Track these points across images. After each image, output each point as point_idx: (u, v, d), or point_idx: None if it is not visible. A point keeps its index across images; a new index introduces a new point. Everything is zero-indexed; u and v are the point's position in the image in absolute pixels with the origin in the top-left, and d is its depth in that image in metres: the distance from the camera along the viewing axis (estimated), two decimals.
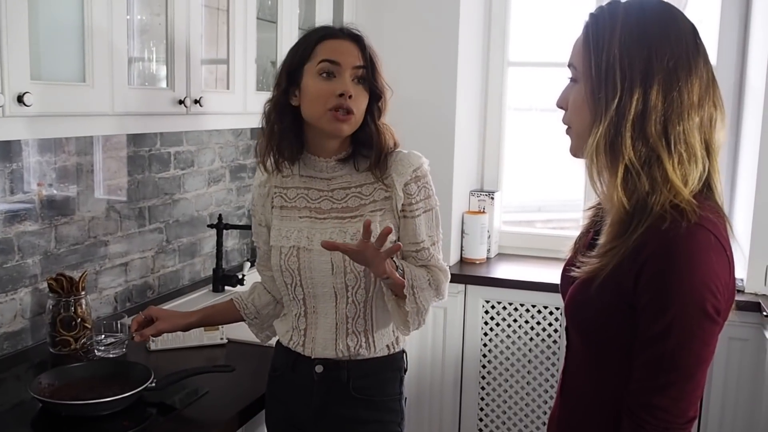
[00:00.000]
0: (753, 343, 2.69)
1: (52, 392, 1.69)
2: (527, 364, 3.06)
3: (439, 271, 1.67)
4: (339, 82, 1.56)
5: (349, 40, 1.59)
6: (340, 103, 1.55)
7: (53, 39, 1.69)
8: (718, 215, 1.17)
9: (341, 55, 1.56)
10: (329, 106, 1.55)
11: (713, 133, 1.19)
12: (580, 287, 1.23)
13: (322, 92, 1.55)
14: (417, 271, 1.61)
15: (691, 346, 1.12)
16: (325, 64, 1.56)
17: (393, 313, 1.61)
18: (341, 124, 1.56)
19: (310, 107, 1.58)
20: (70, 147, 2.15)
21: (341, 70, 1.56)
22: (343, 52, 1.57)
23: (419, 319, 1.61)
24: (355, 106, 1.57)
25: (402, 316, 1.59)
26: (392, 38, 3.05)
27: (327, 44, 1.58)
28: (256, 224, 1.76)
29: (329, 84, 1.55)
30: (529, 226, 3.57)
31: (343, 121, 1.56)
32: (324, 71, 1.56)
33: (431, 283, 1.63)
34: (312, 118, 1.58)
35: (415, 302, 1.58)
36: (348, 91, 1.55)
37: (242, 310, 1.80)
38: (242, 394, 1.80)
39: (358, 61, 1.57)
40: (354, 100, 1.56)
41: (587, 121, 1.19)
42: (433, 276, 1.64)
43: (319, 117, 1.57)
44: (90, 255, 2.24)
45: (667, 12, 1.19)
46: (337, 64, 1.56)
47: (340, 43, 1.58)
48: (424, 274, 1.62)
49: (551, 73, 3.14)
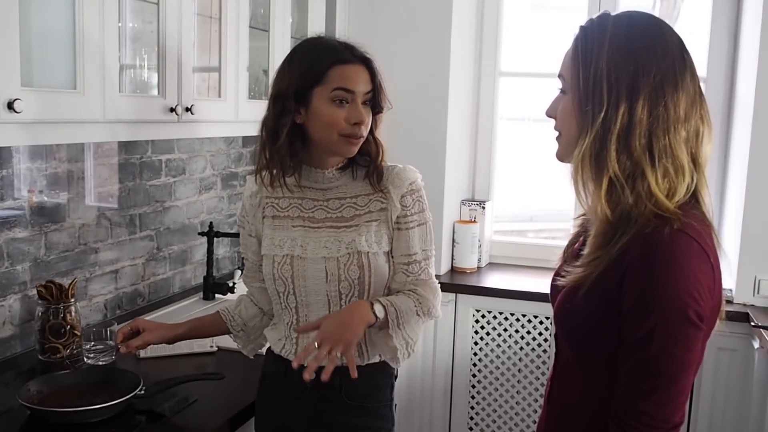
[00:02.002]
0: (741, 353, 2.70)
1: (40, 399, 1.68)
2: (517, 373, 3.06)
3: (430, 290, 1.67)
4: (353, 110, 1.58)
5: (360, 64, 1.61)
6: (353, 131, 1.58)
7: (44, 46, 1.69)
8: (703, 223, 1.18)
9: (354, 83, 1.58)
10: (343, 132, 1.58)
11: (700, 147, 1.20)
12: (567, 295, 1.25)
13: (337, 119, 1.57)
14: (403, 305, 1.60)
15: (674, 351, 1.13)
16: (340, 92, 1.57)
17: (382, 349, 1.63)
18: (353, 147, 1.61)
19: (321, 131, 1.59)
20: (61, 154, 2.15)
21: (354, 97, 1.58)
22: (356, 79, 1.59)
23: (408, 351, 1.64)
24: (365, 130, 1.61)
25: (392, 352, 1.61)
26: (384, 48, 3.05)
27: (340, 70, 1.58)
28: (246, 235, 1.76)
29: (342, 111, 1.58)
30: (520, 236, 3.58)
31: (355, 145, 1.61)
32: (338, 98, 1.58)
33: (420, 312, 1.63)
34: (321, 140, 1.60)
35: (403, 338, 1.61)
36: (363, 120, 1.58)
37: (229, 322, 1.80)
38: (232, 401, 1.80)
39: (368, 86, 1.60)
40: (364, 125, 1.60)
41: (574, 132, 1.21)
42: (422, 303, 1.64)
43: (330, 140, 1.59)
44: (80, 262, 2.23)
45: (654, 26, 1.20)
46: (351, 92, 1.58)
47: (353, 69, 1.59)
48: (411, 307, 1.62)
49: (542, 84, 3.15)
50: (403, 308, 1.59)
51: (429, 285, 1.68)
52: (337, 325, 1.49)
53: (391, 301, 1.59)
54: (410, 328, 1.62)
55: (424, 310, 1.65)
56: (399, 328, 1.59)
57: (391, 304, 1.58)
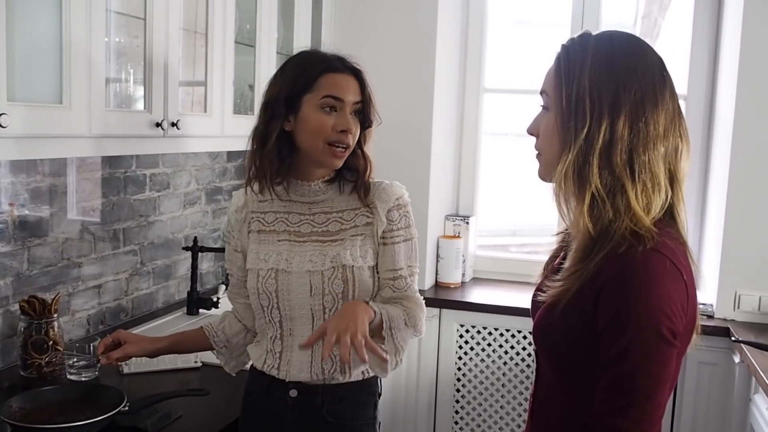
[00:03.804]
0: (721, 367, 2.73)
1: (23, 416, 1.67)
2: (501, 388, 3.07)
3: (416, 305, 1.68)
4: (340, 118, 1.59)
5: (350, 75, 1.62)
6: (340, 139, 1.59)
7: (30, 60, 1.69)
8: (677, 242, 1.20)
9: (344, 92, 1.60)
10: (329, 140, 1.59)
11: (678, 163, 1.22)
12: (545, 311, 1.26)
13: (324, 126, 1.59)
14: (394, 312, 1.61)
15: (648, 369, 1.14)
16: (329, 99, 1.59)
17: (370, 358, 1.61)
18: (337, 159, 1.61)
19: (308, 138, 1.60)
20: (44, 168, 2.14)
21: (343, 105, 1.60)
22: (346, 88, 1.60)
23: (397, 359, 1.63)
24: (352, 140, 1.62)
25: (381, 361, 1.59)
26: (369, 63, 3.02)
27: (329, 78, 1.60)
28: (231, 250, 1.75)
29: (330, 118, 1.59)
30: (503, 251, 3.59)
31: (341, 157, 1.61)
32: (327, 106, 1.59)
33: (408, 323, 1.64)
34: (308, 148, 1.61)
35: (393, 343, 1.60)
36: (350, 129, 1.59)
37: (212, 338, 1.78)
38: (216, 417, 1.79)
39: (358, 96, 1.62)
40: (351, 135, 1.61)
41: (557, 149, 1.22)
42: (409, 314, 1.65)
43: (316, 149, 1.60)
44: (63, 277, 2.22)
45: (635, 45, 1.23)
46: (340, 100, 1.59)
47: (343, 78, 1.61)
48: (401, 315, 1.63)
49: (526, 100, 3.18)
50: (393, 314, 1.60)
51: (415, 300, 1.69)
52: (342, 319, 1.48)
53: (381, 306, 1.59)
54: (400, 335, 1.61)
55: (412, 323, 1.65)
56: (390, 332, 1.58)
57: (382, 307, 1.59)
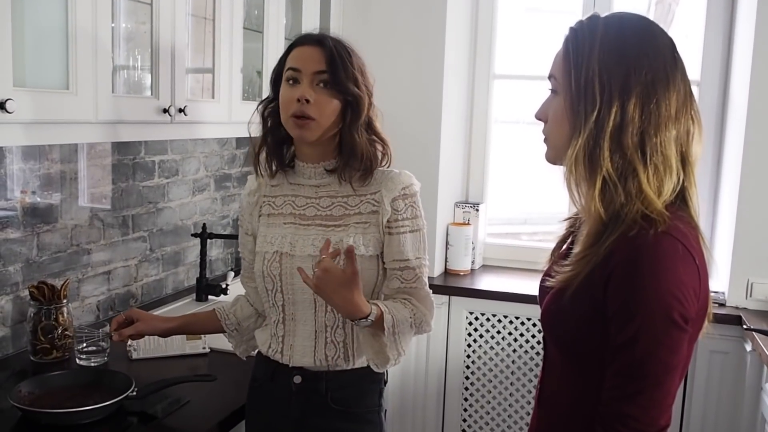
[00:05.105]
0: (733, 356, 2.71)
1: (32, 401, 1.68)
2: (510, 376, 3.06)
3: (425, 306, 1.65)
4: (300, 88, 1.58)
5: (314, 45, 1.60)
6: (298, 108, 1.57)
7: (37, 46, 1.68)
8: (690, 226, 1.18)
9: (302, 62, 1.59)
10: (291, 112, 1.58)
11: (690, 146, 1.20)
12: (554, 297, 1.24)
13: (286, 99, 1.59)
14: (400, 314, 1.58)
15: (658, 354, 1.12)
16: (290, 71, 1.59)
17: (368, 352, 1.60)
18: (301, 130, 1.59)
19: (282, 114, 1.61)
20: (54, 154, 2.14)
21: (302, 76, 1.58)
22: (305, 58, 1.59)
23: (396, 362, 1.62)
24: (316, 112, 1.57)
25: (379, 358, 1.59)
26: (378, 50, 3.06)
27: (294, 52, 1.61)
28: (243, 234, 1.76)
29: (292, 90, 1.58)
30: (514, 239, 3.58)
31: (302, 127, 1.58)
32: (290, 78, 1.59)
33: (413, 324, 1.61)
34: (285, 126, 1.62)
35: (396, 348, 1.59)
36: (303, 96, 1.56)
37: (223, 320, 1.79)
38: (223, 404, 1.79)
39: (319, 65, 1.58)
40: (314, 105, 1.57)
41: (566, 133, 1.21)
42: (416, 316, 1.62)
43: (287, 124, 1.61)
44: (72, 263, 2.23)
45: (645, 27, 1.21)
46: (298, 71, 1.58)
47: (304, 50, 1.60)
48: (407, 317, 1.60)
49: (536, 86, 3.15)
50: (399, 317, 1.57)
51: (425, 297, 1.66)
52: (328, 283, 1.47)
53: (388, 306, 1.57)
54: (403, 338, 1.60)
55: (417, 323, 1.62)
56: (394, 336, 1.56)
57: (390, 307, 1.56)
